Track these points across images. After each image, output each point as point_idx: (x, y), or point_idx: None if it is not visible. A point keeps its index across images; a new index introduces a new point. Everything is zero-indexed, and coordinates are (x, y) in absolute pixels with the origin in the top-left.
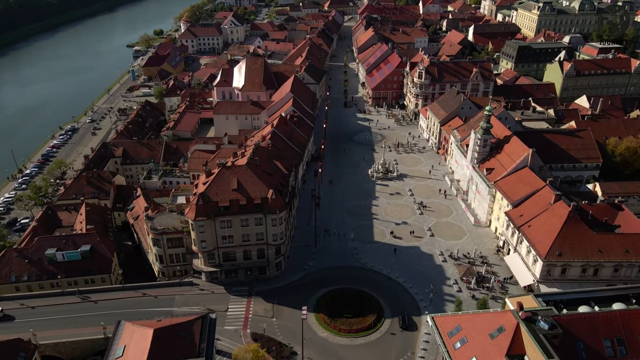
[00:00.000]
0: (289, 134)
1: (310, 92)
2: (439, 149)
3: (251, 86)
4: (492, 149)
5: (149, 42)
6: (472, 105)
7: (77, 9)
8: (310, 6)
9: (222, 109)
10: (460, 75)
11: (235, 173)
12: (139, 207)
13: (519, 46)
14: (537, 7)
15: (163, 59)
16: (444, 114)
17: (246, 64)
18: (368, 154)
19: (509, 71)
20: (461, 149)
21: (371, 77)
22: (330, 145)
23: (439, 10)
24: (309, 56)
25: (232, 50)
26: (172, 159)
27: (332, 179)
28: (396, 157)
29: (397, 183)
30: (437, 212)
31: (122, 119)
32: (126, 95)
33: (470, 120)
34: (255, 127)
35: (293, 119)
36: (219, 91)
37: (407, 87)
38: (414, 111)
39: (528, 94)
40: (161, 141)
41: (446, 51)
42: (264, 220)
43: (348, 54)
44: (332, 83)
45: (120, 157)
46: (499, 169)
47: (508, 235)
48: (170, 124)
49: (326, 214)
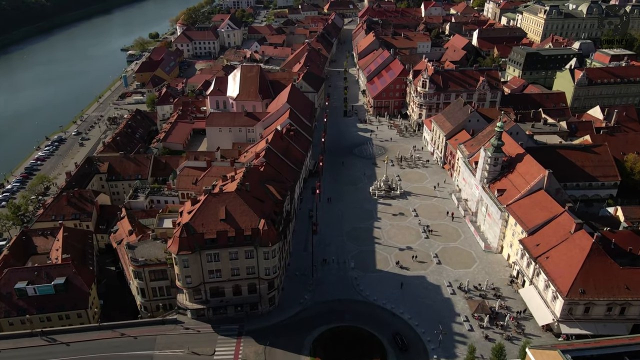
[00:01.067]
0: (285, 150)
1: (309, 102)
2: (444, 163)
3: (246, 95)
4: (503, 168)
5: (144, 46)
6: (480, 118)
7: (72, 11)
8: (309, 8)
9: (214, 121)
10: (466, 84)
11: (223, 201)
12: (122, 229)
13: (527, 53)
14: (544, 11)
15: (157, 64)
16: (450, 127)
17: (241, 72)
18: (369, 169)
19: (516, 79)
20: (469, 166)
21: (372, 85)
22: (329, 158)
23: (441, 13)
24: (308, 62)
25: (228, 55)
26: (161, 174)
27: (331, 196)
28: (399, 172)
29: (401, 202)
30: (444, 236)
31: (112, 129)
32: (117, 102)
33: (479, 134)
34: (250, 139)
35: (289, 132)
36: (212, 100)
37: (410, 96)
38: (417, 122)
39: (538, 104)
40: (149, 156)
41: (450, 56)
42: (256, 253)
43: (348, 58)
44: (332, 90)
45: (106, 173)
46: (511, 190)
47: (523, 265)
48: (161, 135)
49: (324, 237)
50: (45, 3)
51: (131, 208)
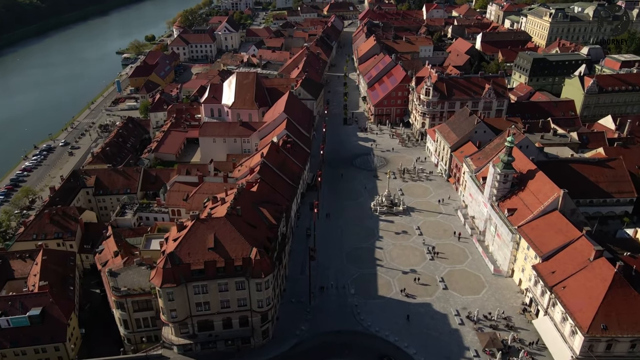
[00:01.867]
0: (281, 164)
1: (307, 111)
2: (449, 176)
3: (242, 103)
4: (513, 185)
5: (139, 49)
6: (487, 129)
7: (68, 12)
8: (308, 10)
9: (208, 131)
10: (471, 92)
11: (212, 227)
12: (108, 249)
13: (534, 58)
14: (549, 14)
15: (151, 68)
16: (455, 138)
17: (236, 79)
18: (370, 182)
19: (523, 85)
20: (476, 181)
21: (373, 92)
22: (328, 170)
23: (443, 15)
24: (306, 68)
25: (225, 60)
26: (151, 188)
27: (330, 211)
28: (401, 185)
29: (404, 219)
30: (450, 257)
31: (103, 137)
32: (110, 109)
33: (486, 147)
34: (246, 150)
35: (286, 145)
36: (206, 108)
37: (413, 103)
38: (420, 131)
39: (546, 112)
40: (139, 169)
41: (453, 61)
42: (247, 284)
43: (348, 63)
44: (331, 96)
45: (93, 188)
46: (522, 210)
47: (537, 293)
48: (153, 145)
49: (323, 258)
50: (40, 4)
51: (118, 226)
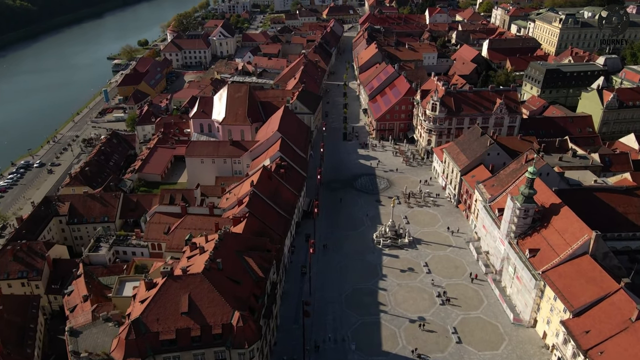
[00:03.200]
0: (274, 192)
1: (303, 127)
2: (458, 202)
3: (233, 119)
4: (534, 221)
5: (131, 54)
6: (501, 151)
7: (60, 15)
8: (307, 14)
9: (195, 151)
10: (481, 107)
11: (187, 287)
12: (77, 292)
13: (547, 69)
14: (559, 20)
15: (141, 76)
16: (466, 161)
17: (228, 92)
18: (372, 208)
19: (535, 98)
20: (491, 213)
21: (374, 104)
22: (326, 194)
23: (447, 20)
24: (304, 78)
25: (219, 67)
26: (131, 215)
27: (328, 242)
28: (407, 212)
29: (410, 253)
30: (463, 301)
31: (86, 152)
32: (96, 120)
33: (500, 172)
34: (236, 172)
35: (280, 169)
36: (196, 123)
37: (418, 118)
38: (426, 149)
39: (561, 129)
40: (118, 194)
41: (458, 69)
42: (228, 354)
43: (348, 70)
44: (330, 107)
45: (66, 215)
46: (547, 251)
47: (566, 354)
48: (137, 164)
49: (319, 303)
50: (31, 7)
51: (91, 263)
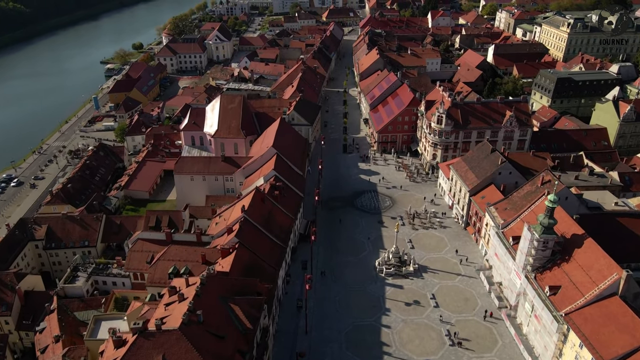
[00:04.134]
0: (267, 217)
1: (300, 141)
2: (467, 225)
3: (226, 132)
4: (554, 253)
5: (125, 58)
6: (513, 170)
7: (55, 17)
8: (306, 17)
9: (185, 168)
10: (490, 120)
11: (161, 345)
12: (49, 330)
13: (558, 78)
14: (567, 24)
15: (133, 83)
16: (475, 180)
17: (220, 104)
18: (374, 230)
19: (545, 109)
20: (504, 240)
21: (376, 114)
22: (325, 214)
23: (450, 23)
24: (302, 86)
25: (214, 73)
26: (114, 239)
27: (326, 269)
28: (411, 235)
29: (415, 283)
30: (475, 341)
31: (73, 164)
32: (85, 129)
33: (513, 195)
34: (228, 190)
35: (274, 191)
36: (187, 136)
37: (422, 130)
38: (430, 164)
39: (575, 142)
40: (99, 216)
41: (463, 76)
42: None
43: (348, 76)
44: (329, 117)
45: (43, 240)
46: (569, 289)
47: None
48: (124, 179)
49: (317, 342)
50: (24, 10)
51: (66, 295)
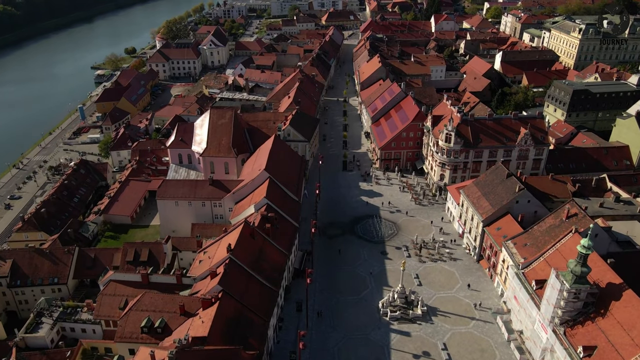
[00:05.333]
0: (258, 256)
1: (296, 161)
2: (480, 258)
3: (216, 150)
4: (587, 304)
5: (117, 64)
6: (532, 198)
7: (47, 20)
8: (305, 20)
9: (168, 192)
10: (502, 138)
11: None
12: None
13: (574, 90)
14: (579, 30)
15: (122, 91)
16: (489, 209)
17: (210, 119)
18: (377, 263)
19: (561, 124)
20: (527, 285)
21: (378, 128)
22: (322, 243)
23: (454, 28)
24: (299, 96)
25: (208, 81)
26: (88, 275)
27: (323, 309)
28: (418, 268)
29: (424, 329)
30: None
31: (53, 181)
32: (69, 141)
33: (534, 228)
34: (217, 216)
35: (265, 223)
36: (173, 154)
37: (428, 148)
38: (438, 184)
39: (595, 161)
40: (71, 249)
41: (470, 85)
42: None
43: (348, 85)
44: (328, 129)
45: (7, 277)
46: (606, 350)
47: None
48: (104, 202)
49: None
50: (15, 12)
51: (27, 347)
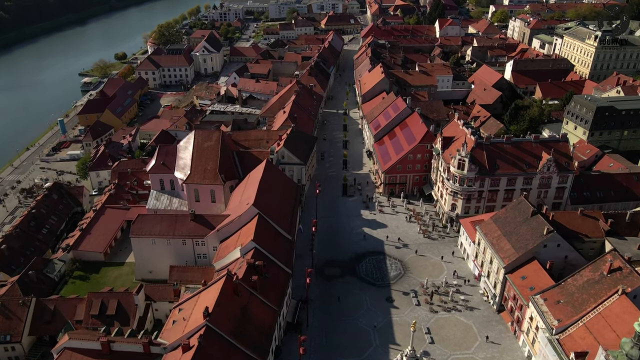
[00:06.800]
0: (241, 317)
1: (290, 190)
2: (501, 309)
3: (201, 176)
4: None
5: (106, 70)
6: (563, 242)
7: (38, 23)
8: (304, 24)
9: (144, 228)
10: (522, 164)
11: None
12: None
13: (598, 107)
14: (594, 37)
15: (106, 102)
16: (512, 253)
17: (194, 141)
18: (382, 312)
19: (584, 144)
20: (563, 355)
21: (381, 148)
22: (319, 285)
23: (460, 33)
24: (295, 111)
25: (199, 91)
26: (46, 330)
27: None
28: (429, 320)
29: None
30: None
31: (25, 204)
32: (47, 158)
33: (567, 281)
34: (199, 255)
35: (252, 275)
36: (154, 179)
37: (438, 172)
38: (449, 215)
39: (625, 189)
40: (27, 300)
41: (479, 97)
42: None
43: (349, 95)
44: (327, 145)
45: None
46: None
47: None
48: (75, 235)
49: None
50: (4, 16)
51: None
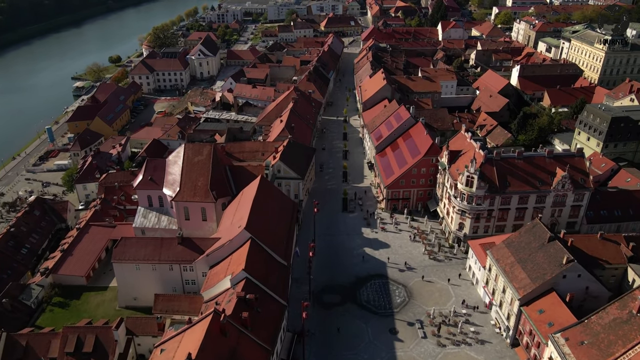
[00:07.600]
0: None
1: (286, 209)
2: (515, 343)
3: (191, 194)
4: None
5: (99, 74)
6: (584, 272)
7: (32, 25)
8: (303, 26)
9: (128, 253)
10: (535, 181)
11: None
12: None
13: (613, 117)
14: (604, 41)
15: (97, 108)
16: (528, 284)
17: (184, 156)
18: (385, 346)
19: (598, 157)
20: None
21: (383, 160)
22: (317, 314)
23: (463, 36)
24: (292, 120)
25: (193, 97)
26: None
27: None
28: (437, 356)
29: None
30: None
31: (7, 219)
32: (33, 168)
33: (591, 318)
34: (187, 282)
35: (242, 311)
36: (142, 196)
37: (444, 188)
38: (456, 235)
39: None
40: None
41: (485, 104)
42: None
43: (349, 101)
44: (326, 156)
45: None
46: None
47: None
48: (55, 257)
49: None
50: None
51: None
